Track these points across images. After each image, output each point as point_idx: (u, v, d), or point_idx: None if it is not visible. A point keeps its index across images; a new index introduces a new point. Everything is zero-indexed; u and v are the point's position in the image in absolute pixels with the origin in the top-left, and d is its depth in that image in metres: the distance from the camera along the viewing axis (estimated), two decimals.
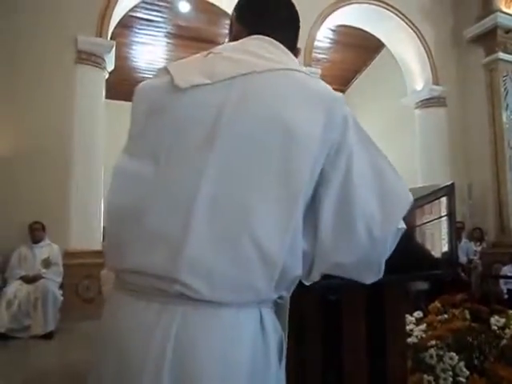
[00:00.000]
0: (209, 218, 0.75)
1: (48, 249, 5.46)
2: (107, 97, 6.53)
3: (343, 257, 0.81)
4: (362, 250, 0.80)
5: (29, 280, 5.18)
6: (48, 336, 4.89)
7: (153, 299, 0.78)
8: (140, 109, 0.89)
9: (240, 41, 0.95)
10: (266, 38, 0.94)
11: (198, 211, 0.75)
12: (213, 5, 7.41)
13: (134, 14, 8.18)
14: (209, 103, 0.81)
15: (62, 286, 5.42)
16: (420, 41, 8.37)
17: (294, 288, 0.84)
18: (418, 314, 2.37)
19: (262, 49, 0.90)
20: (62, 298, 5.28)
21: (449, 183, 1.25)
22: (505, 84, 7.95)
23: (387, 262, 0.84)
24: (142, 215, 0.79)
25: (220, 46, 0.95)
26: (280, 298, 0.85)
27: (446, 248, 1.23)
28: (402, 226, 0.84)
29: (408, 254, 1.17)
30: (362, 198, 0.79)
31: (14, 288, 5.06)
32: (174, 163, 0.80)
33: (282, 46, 0.94)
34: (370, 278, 0.86)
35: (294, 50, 1.03)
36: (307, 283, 0.85)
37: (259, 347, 0.78)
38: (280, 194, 0.76)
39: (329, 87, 0.86)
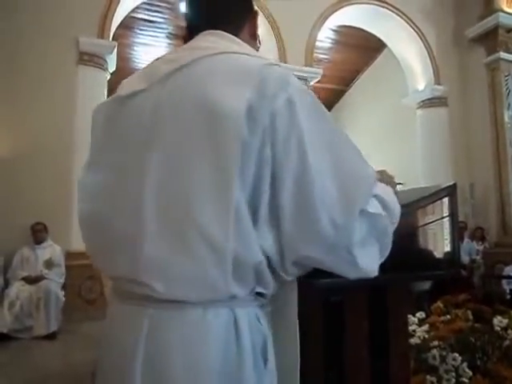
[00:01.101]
0: (157, 217, 0.77)
1: (50, 250, 5.47)
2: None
3: (309, 248, 0.77)
4: (328, 240, 0.75)
5: (31, 281, 5.19)
6: (50, 337, 4.89)
7: (129, 302, 0.82)
8: (96, 126, 0.95)
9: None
10: (210, 30, 0.93)
11: (147, 211, 0.77)
12: None
13: (136, 15, 8.19)
14: (146, 106, 0.84)
15: (64, 287, 5.43)
16: (421, 40, 8.36)
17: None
18: (421, 314, 2.37)
19: (203, 41, 0.91)
20: (64, 298, 5.29)
21: (451, 183, 1.24)
22: (506, 83, 7.94)
23: (390, 261, 0.84)
24: (106, 223, 0.85)
25: (171, 50, 0.97)
26: (261, 295, 0.83)
27: (448, 248, 1.23)
28: (374, 209, 0.79)
29: (411, 254, 1.17)
30: (321, 186, 0.74)
31: (17, 289, 5.08)
32: (123, 170, 0.84)
33: (225, 33, 0.92)
34: (347, 271, 0.81)
35: (245, 24, 0.99)
36: (288, 277, 0.82)
37: (231, 348, 0.77)
38: (215, 179, 0.74)
39: (272, 67, 0.80)
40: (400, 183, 1.11)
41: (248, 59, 0.82)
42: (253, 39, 1.01)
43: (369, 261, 0.81)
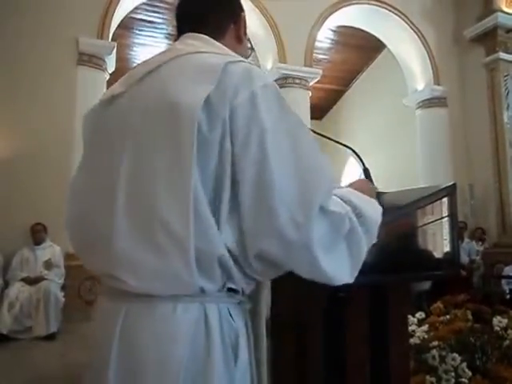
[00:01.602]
0: (127, 213, 0.80)
1: (50, 250, 5.46)
2: None
3: (268, 244, 0.76)
4: (287, 237, 0.74)
5: (31, 281, 5.19)
6: (50, 337, 4.90)
7: (110, 298, 0.86)
8: (86, 132, 0.99)
9: None
10: (189, 33, 0.97)
11: (118, 208, 0.81)
12: None
13: (135, 16, 8.19)
14: (123, 108, 0.88)
15: (63, 288, 5.43)
16: (421, 41, 8.37)
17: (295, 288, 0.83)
18: (420, 314, 2.37)
19: (180, 44, 0.94)
20: (63, 299, 5.29)
21: (450, 184, 1.24)
22: (506, 84, 7.94)
23: (390, 261, 0.83)
24: (86, 222, 0.90)
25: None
26: (234, 291, 0.84)
27: (448, 248, 1.23)
28: (335, 208, 0.78)
29: (410, 254, 1.17)
30: (280, 183, 0.74)
31: (16, 289, 5.07)
32: (102, 170, 0.89)
33: (202, 36, 0.95)
34: (310, 273, 0.79)
35: (227, 27, 1.02)
36: (255, 275, 0.83)
37: (199, 343, 0.78)
38: (174, 174, 0.76)
39: (236, 63, 0.81)
40: (380, 191, 1.10)
41: (212, 57, 0.84)
42: (238, 42, 1.02)
43: (335, 266, 0.79)
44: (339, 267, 0.80)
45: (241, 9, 1.06)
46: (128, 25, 8.30)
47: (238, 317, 0.85)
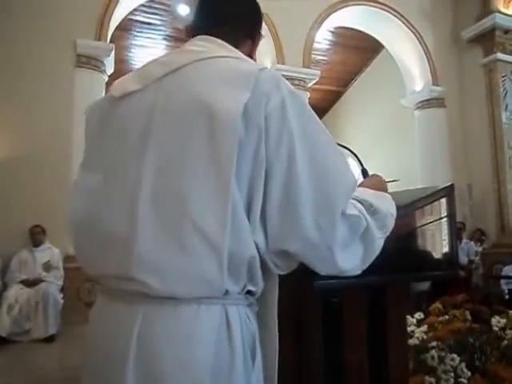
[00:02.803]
0: (152, 214, 0.78)
1: (49, 252, 5.46)
2: None
3: (291, 245, 0.79)
4: (310, 240, 0.78)
5: (29, 284, 5.18)
6: (49, 340, 4.89)
7: (120, 300, 0.83)
8: (90, 126, 0.97)
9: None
10: (203, 36, 0.97)
11: (141, 209, 0.79)
12: None
13: (133, 17, 8.19)
14: (141, 106, 0.86)
15: (62, 290, 5.43)
16: (419, 42, 8.38)
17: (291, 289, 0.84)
18: (419, 315, 2.37)
19: (195, 46, 0.94)
20: (62, 301, 5.28)
21: (448, 184, 1.25)
22: (504, 84, 7.95)
23: (388, 261, 0.84)
24: (97, 222, 0.86)
25: (164, 53, 1.00)
26: (250, 293, 0.85)
27: (446, 249, 1.23)
28: (352, 211, 0.82)
29: (409, 254, 1.17)
30: (306, 188, 0.78)
31: (15, 292, 5.06)
32: (118, 169, 0.86)
33: (217, 39, 0.95)
34: (325, 267, 0.83)
35: (246, 40, 1.03)
36: (278, 271, 0.85)
37: (223, 346, 0.78)
38: (212, 177, 0.77)
39: (264, 70, 0.83)
40: (394, 180, 1.11)
41: (241, 63, 0.87)
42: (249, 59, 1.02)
43: (349, 262, 0.83)
44: (352, 262, 0.84)
45: (261, 29, 1.07)
46: (126, 26, 8.30)
47: (254, 319, 0.86)
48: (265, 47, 7.53)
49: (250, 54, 1.04)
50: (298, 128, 0.80)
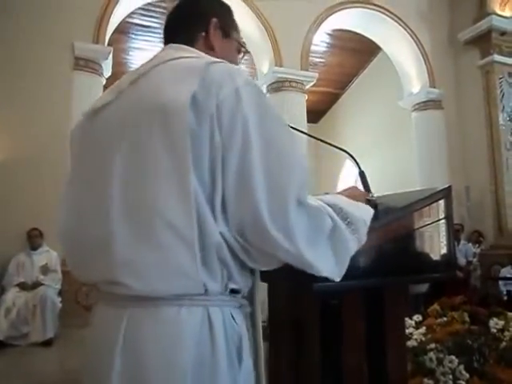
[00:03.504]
0: (124, 215, 0.82)
1: (46, 255, 5.44)
2: None
3: (248, 232, 0.80)
4: (265, 228, 0.78)
5: (28, 287, 5.16)
6: (47, 343, 4.87)
7: (110, 303, 0.87)
8: (73, 146, 1.03)
9: None
10: (170, 44, 1.04)
11: (114, 212, 0.82)
12: None
13: (131, 20, 8.20)
14: (113, 117, 0.91)
15: (60, 293, 5.41)
16: (416, 44, 8.41)
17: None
18: (418, 317, 2.37)
19: (162, 53, 1.00)
20: (60, 304, 5.26)
21: (446, 186, 1.25)
22: (501, 86, 7.98)
23: (387, 263, 0.84)
24: (81, 233, 0.92)
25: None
26: (236, 292, 0.86)
27: (444, 250, 1.23)
28: (315, 203, 0.82)
29: (407, 256, 1.18)
30: (259, 173, 0.79)
31: (13, 295, 5.05)
32: (92, 180, 0.91)
33: (181, 45, 1.01)
34: (294, 263, 0.83)
35: (199, 35, 1.06)
36: (253, 264, 0.85)
37: (204, 347, 0.79)
38: (172, 171, 0.79)
39: (216, 64, 0.86)
40: (372, 196, 1.11)
41: (193, 60, 0.89)
42: (210, 50, 1.05)
43: (319, 259, 0.83)
44: (326, 263, 0.84)
45: (215, 14, 1.07)
46: (124, 29, 8.30)
47: (241, 320, 0.87)
48: (263, 50, 7.55)
49: (210, 44, 1.06)
50: (253, 116, 0.81)
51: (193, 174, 0.78)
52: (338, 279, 0.86)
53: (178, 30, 1.07)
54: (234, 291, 0.86)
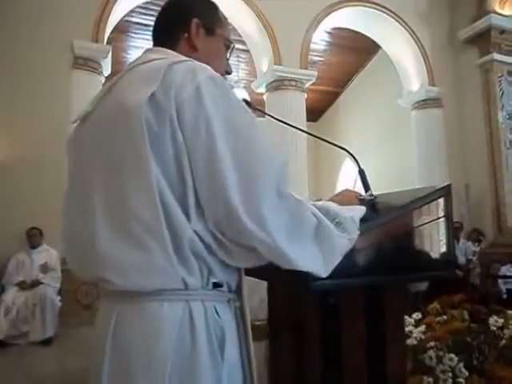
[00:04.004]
0: (105, 215, 0.86)
1: (46, 254, 5.44)
2: None
3: (223, 225, 0.81)
4: (238, 220, 0.78)
5: (27, 286, 5.16)
6: (47, 342, 4.88)
7: (107, 299, 0.91)
8: (69, 155, 1.06)
9: None
10: (150, 48, 1.08)
11: (97, 213, 0.87)
12: None
13: (130, 19, 8.19)
14: (92, 125, 0.97)
15: (60, 292, 5.41)
16: (415, 42, 8.40)
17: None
18: (417, 315, 2.37)
19: (139, 57, 1.02)
20: (60, 303, 5.27)
21: (445, 184, 1.25)
22: (500, 84, 7.99)
23: (386, 262, 0.84)
24: (75, 235, 0.97)
25: None
26: (219, 286, 0.87)
27: (444, 249, 1.23)
28: (293, 193, 0.83)
29: (407, 255, 1.18)
30: (230, 167, 0.79)
31: (12, 294, 5.05)
32: (84, 183, 0.95)
33: (159, 48, 1.04)
34: (274, 259, 0.83)
35: (180, 37, 1.07)
36: (233, 261, 0.86)
37: (184, 341, 0.81)
38: (137, 168, 0.82)
39: (180, 63, 0.87)
40: (371, 196, 1.12)
41: (160, 62, 0.90)
42: (193, 50, 1.05)
43: (302, 256, 0.82)
44: (307, 257, 0.83)
45: (196, 14, 1.07)
46: (123, 28, 8.29)
47: (225, 313, 0.89)
48: (262, 48, 7.54)
49: (193, 44, 1.06)
50: (216, 111, 0.82)
51: (156, 170, 0.80)
52: (324, 275, 0.86)
53: (161, 33, 1.10)
54: (217, 285, 0.87)
